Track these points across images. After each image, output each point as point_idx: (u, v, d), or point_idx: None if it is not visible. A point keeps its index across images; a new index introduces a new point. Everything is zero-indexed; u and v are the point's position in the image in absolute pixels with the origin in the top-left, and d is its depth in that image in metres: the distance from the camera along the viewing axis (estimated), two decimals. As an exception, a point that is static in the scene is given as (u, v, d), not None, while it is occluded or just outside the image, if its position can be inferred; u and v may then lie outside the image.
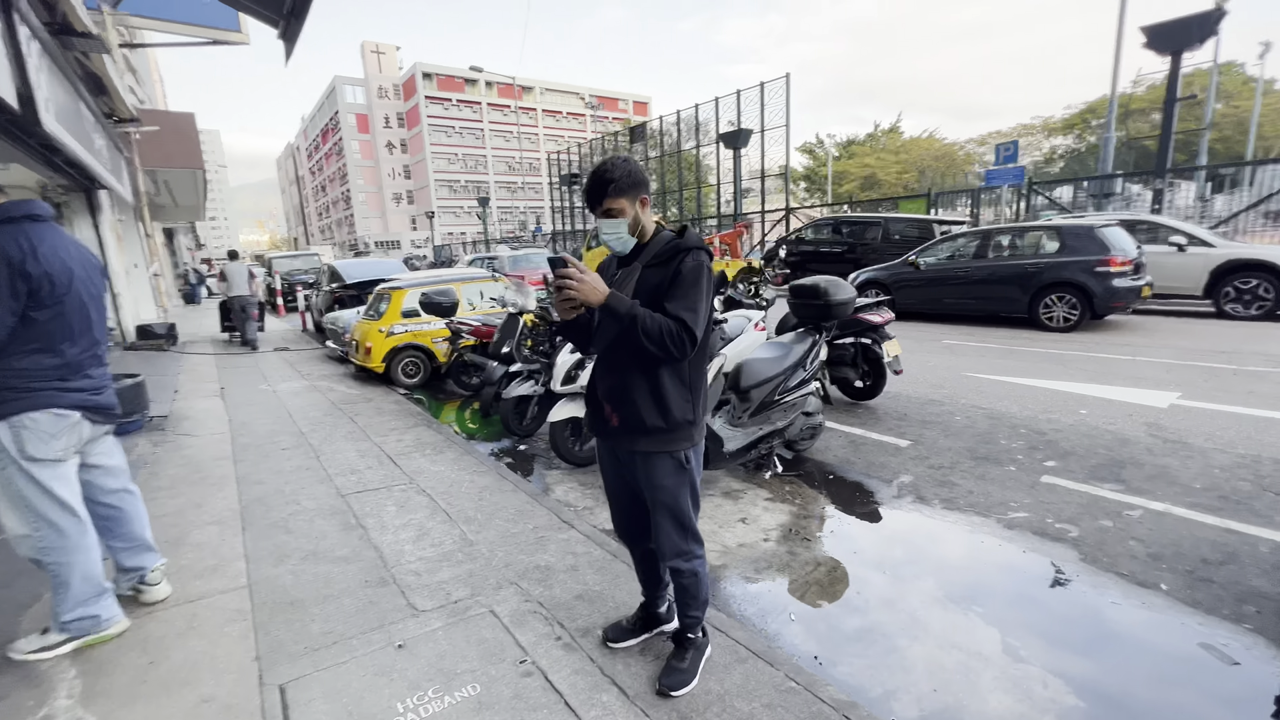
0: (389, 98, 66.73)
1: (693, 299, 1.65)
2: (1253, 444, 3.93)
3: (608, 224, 1.73)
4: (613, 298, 1.61)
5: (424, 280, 7.37)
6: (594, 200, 1.71)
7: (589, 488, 3.91)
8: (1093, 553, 2.84)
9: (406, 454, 4.41)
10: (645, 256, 1.76)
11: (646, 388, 1.75)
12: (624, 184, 1.69)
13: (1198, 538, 2.89)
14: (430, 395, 6.97)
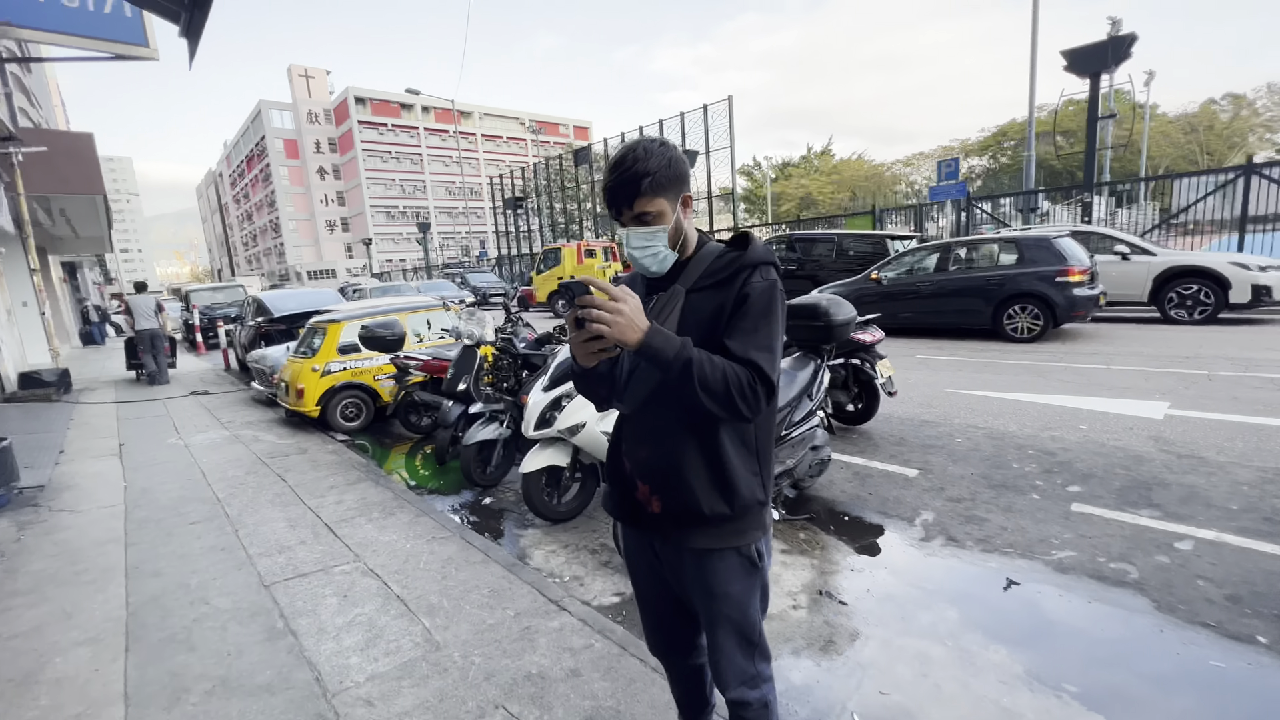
0: (319, 122, 64.36)
1: (766, 334, 1.17)
2: (1265, 455, 3.78)
3: (640, 234, 1.23)
4: (656, 335, 1.11)
5: (363, 311, 6.62)
6: (620, 201, 1.21)
7: (574, 550, 3.32)
8: (1164, 598, 2.50)
9: (349, 520, 3.69)
10: (690, 276, 1.27)
11: (701, 459, 1.24)
12: (664, 178, 1.20)
13: (1266, 571, 2.61)
14: (374, 440, 6.19)
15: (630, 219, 1.22)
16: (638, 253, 1.24)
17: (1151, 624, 2.35)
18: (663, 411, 1.26)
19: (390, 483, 4.44)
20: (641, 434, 1.31)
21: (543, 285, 19.02)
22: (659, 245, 1.24)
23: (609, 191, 1.22)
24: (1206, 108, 40.60)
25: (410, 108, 64.67)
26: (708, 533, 1.27)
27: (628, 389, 1.29)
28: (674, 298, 1.26)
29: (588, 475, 3.71)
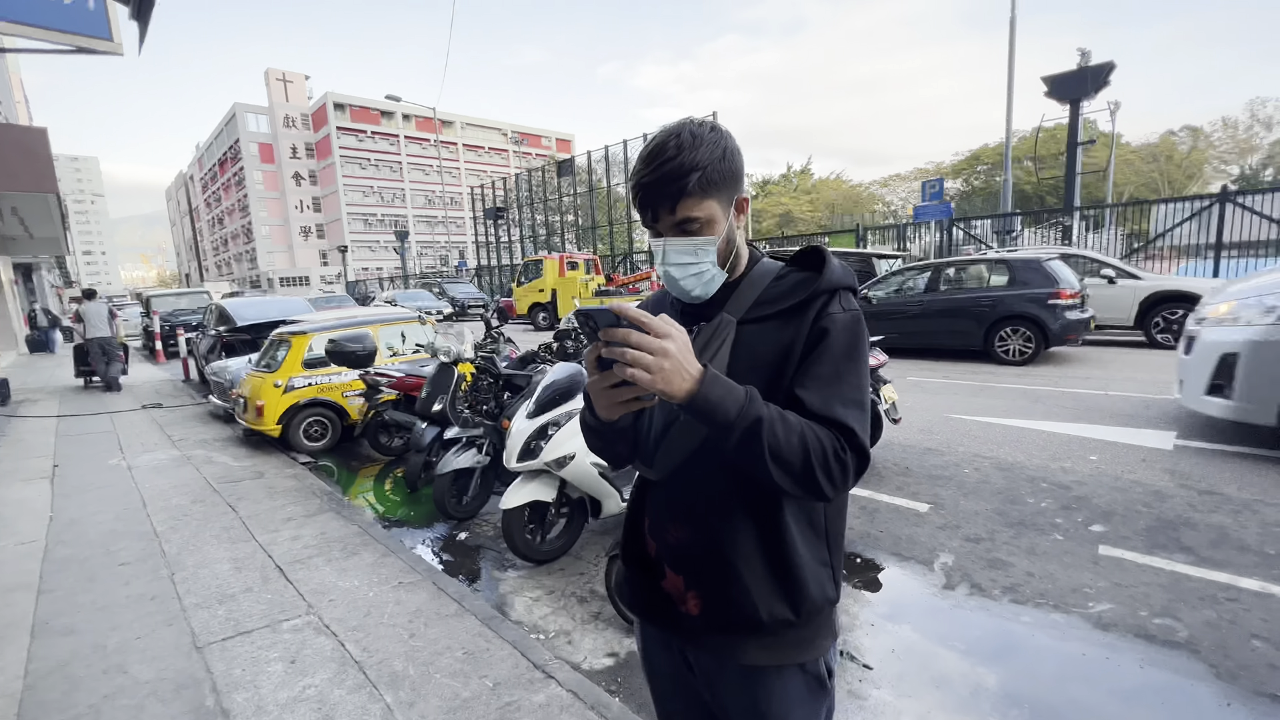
0: (296, 127, 63.28)
1: (854, 384, 0.87)
2: (1278, 490, 3.61)
3: (682, 248, 0.91)
4: (713, 385, 0.79)
5: (331, 323, 6.19)
6: (658, 202, 0.90)
7: (560, 597, 2.97)
8: (1221, 662, 2.24)
9: (305, 560, 3.28)
10: (741, 303, 0.96)
11: (758, 547, 0.93)
12: (716, 173, 0.89)
13: (1324, 630, 2.38)
14: (340, 462, 5.74)
15: (670, 227, 0.91)
16: (677, 271, 0.93)
17: (1214, 695, 2.09)
18: (707, 481, 0.95)
19: (355, 513, 4.03)
20: (676, 509, 0.99)
21: (523, 297, 18.63)
22: (706, 263, 0.93)
23: (644, 190, 0.90)
24: (1166, 139, 42.25)
25: (391, 115, 64.01)
26: (764, 644, 0.95)
27: (659, 449, 0.97)
28: (721, 330, 0.94)
29: (575, 510, 3.37)
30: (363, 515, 4.05)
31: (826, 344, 0.88)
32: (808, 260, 0.98)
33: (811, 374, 0.87)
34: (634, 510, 1.10)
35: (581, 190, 28.62)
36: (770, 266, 1.00)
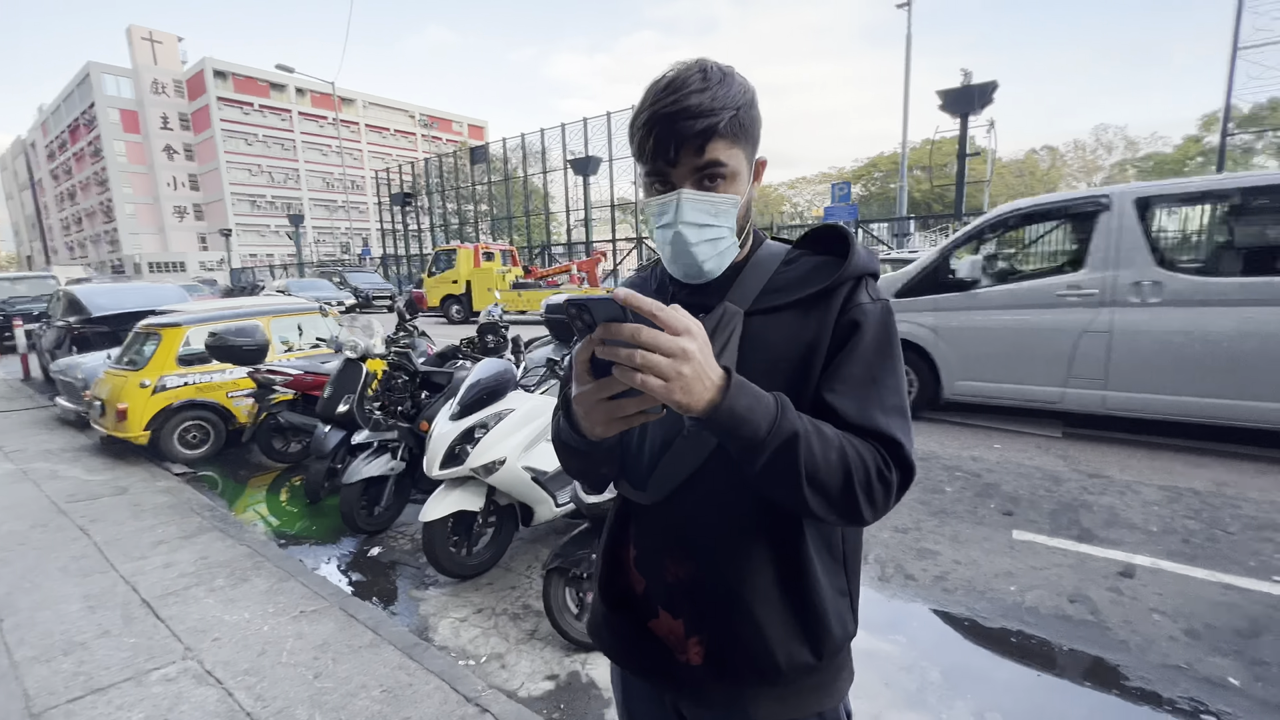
0: (168, 94, 56.50)
1: (893, 387, 0.74)
2: (1161, 473, 4.02)
3: (699, 202, 0.74)
4: (740, 395, 0.63)
5: (213, 313, 5.46)
6: (681, 138, 0.71)
7: (490, 615, 2.71)
8: (1132, 637, 2.40)
9: (181, 592, 2.80)
10: (747, 291, 0.80)
11: (776, 581, 0.78)
12: (746, 118, 0.74)
13: (1204, 600, 2.62)
14: (225, 472, 5.07)
15: (690, 173, 0.73)
16: (691, 234, 0.74)
17: (1135, 671, 2.23)
18: (715, 505, 0.79)
19: (244, 532, 3.53)
20: (674, 540, 0.82)
21: (435, 288, 17.69)
22: (725, 228, 0.76)
23: (662, 123, 0.71)
24: (1030, 156, 47.40)
25: (282, 88, 58.68)
26: (780, 695, 0.80)
27: (657, 468, 0.80)
28: (727, 323, 0.78)
29: (504, 518, 3.11)
30: (254, 533, 3.56)
31: (858, 340, 0.74)
32: (820, 242, 0.83)
33: (843, 376, 0.72)
34: (614, 540, 0.92)
35: (497, 179, 27.61)
36: (776, 249, 0.85)
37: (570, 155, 23.20)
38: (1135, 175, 44.08)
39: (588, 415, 0.67)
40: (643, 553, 0.86)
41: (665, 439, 0.78)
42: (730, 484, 0.77)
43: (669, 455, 0.78)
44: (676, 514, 0.81)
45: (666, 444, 0.78)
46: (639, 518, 0.87)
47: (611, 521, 0.92)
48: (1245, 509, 3.45)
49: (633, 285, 0.96)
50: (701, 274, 0.78)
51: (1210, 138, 35.22)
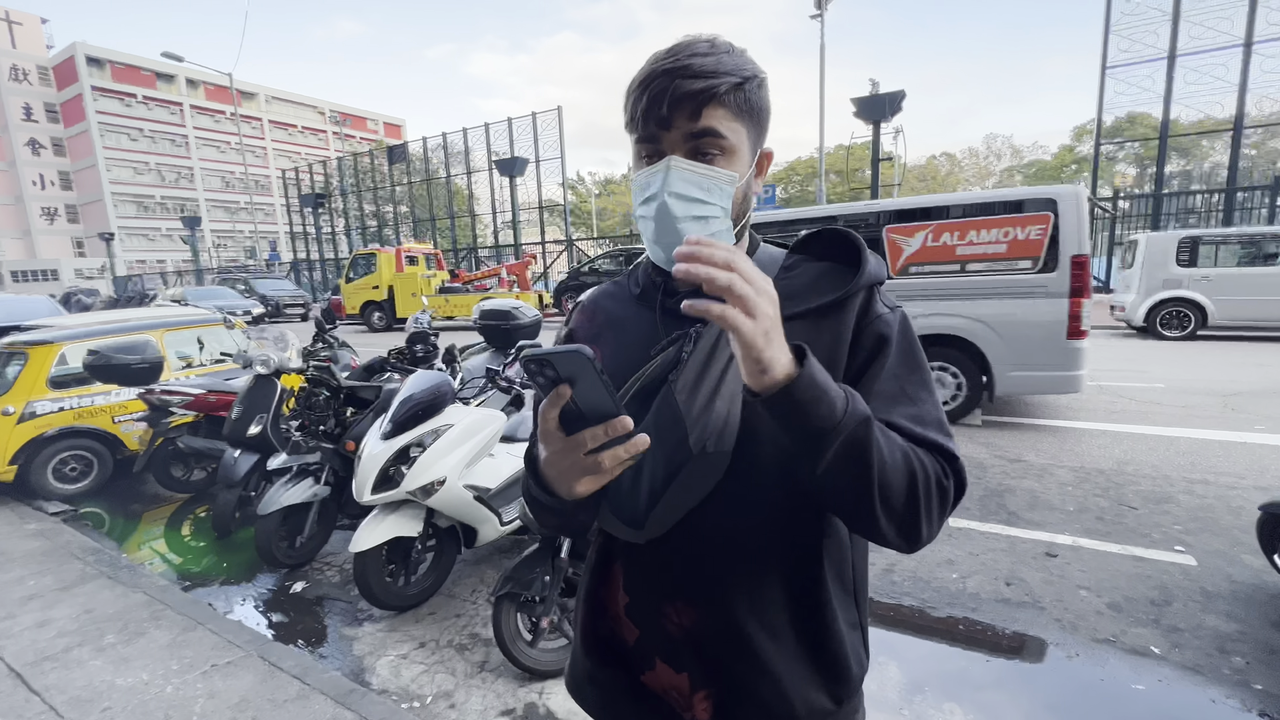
0: (30, 82, 50.32)
1: (932, 400, 0.68)
2: (1070, 455, 4.34)
3: (689, 172, 0.65)
4: (815, 364, 0.55)
5: (94, 328, 4.83)
6: (675, 100, 0.63)
7: (434, 649, 2.51)
8: (1064, 615, 2.54)
9: (60, 655, 2.40)
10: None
11: (791, 622, 0.71)
12: (753, 95, 0.67)
13: (1122, 574, 2.82)
14: (114, 507, 4.49)
15: (682, 140, 0.65)
16: (678, 207, 0.65)
17: (1064, 647, 2.35)
18: (727, 539, 0.70)
19: (139, 576, 3.11)
20: (675, 582, 0.73)
21: (354, 294, 16.69)
22: (718, 208, 0.66)
23: (660, 79, 0.64)
24: (930, 162, 50.96)
25: (171, 79, 53.69)
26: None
27: (660, 501, 0.68)
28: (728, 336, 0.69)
29: (444, 541, 2.90)
30: (150, 578, 3.14)
31: (887, 354, 0.67)
32: (822, 247, 0.76)
33: (878, 392, 0.66)
34: (597, 583, 0.81)
35: (417, 179, 26.48)
36: (774, 253, 0.78)
37: (495, 156, 22.63)
38: (1021, 180, 48.29)
39: (563, 476, 0.59)
40: (636, 599, 0.76)
41: (670, 469, 0.67)
42: (741, 513, 0.69)
43: (675, 486, 0.67)
44: (676, 553, 0.72)
45: (671, 474, 0.67)
46: (628, 558, 0.77)
47: (593, 562, 0.81)
48: (1144, 485, 3.78)
49: (607, 295, 0.86)
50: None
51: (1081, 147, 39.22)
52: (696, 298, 0.71)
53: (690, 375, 0.67)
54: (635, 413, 0.70)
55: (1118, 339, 9.40)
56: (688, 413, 0.66)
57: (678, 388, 0.67)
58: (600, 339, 0.80)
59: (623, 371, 0.72)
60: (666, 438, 0.66)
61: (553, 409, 0.56)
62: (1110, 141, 21.02)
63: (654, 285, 0.78)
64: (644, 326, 0.76)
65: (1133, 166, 33.54)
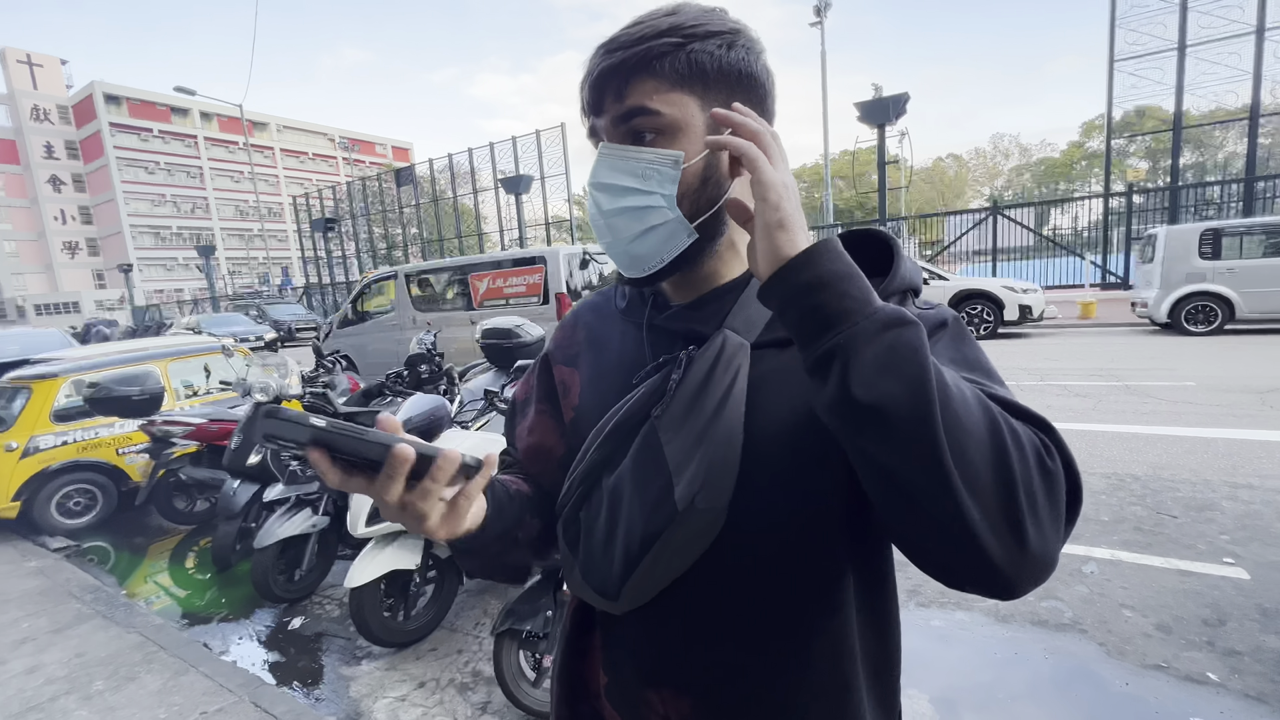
0: (51, 121, 51.91)
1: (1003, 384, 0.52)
2: (1102, 460, 4.13)
3: (614, 158, 0.55)
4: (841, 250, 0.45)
5: (96, 360, 4.81)
6: (605, 81, 0.54)
7: (434, 690, 2.38)
8: (1107, 638, 2.35)
9: (47, 704, 2.31)
10: (750, 315, 0.58)
11: (814, 700, 0.57)
12: (707, 58, 0.54)
13: (1169, 590, 2.62)
14: (118, 540, 4.43)
15: (611, 124, 0.56)
16: (605, 199, 0.56)
17: (1115, 675, 2.16)
18: (720, 611, 0.57)
19: (135, 615, 3.02)
20: (661, 664, 0.60)
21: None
22: (656, 194, 0.54)
23: (591, 59, 0.56)
24: (937, 164, 50.70)
25: (185, 113, 55.12)
26: None
27: (634, 572, 0.55)
28: (730, 359, 0.56)
29: (445, 572, 2.78)
30: (146, 616, 3.05)
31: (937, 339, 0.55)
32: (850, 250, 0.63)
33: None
34: (572, 654, 0.68)
35: (425, 201, 26.75)
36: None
37: (501, 174, 22.80)
38: (1030, 178, 47.79)
39: (402, 520, 0.49)
40: (616, 682, 0.64)
41: (650, 527, 0.54)
42: (740, 583, 0.56)
43: (657, 549, 0.54)
44: (662, 628, 0.59)
45: (652, 534, 0.54)
46: (608, 629, 0.64)
47: (567, 630, 0.69)
48: (1183, 491, 3.57)
49: (590, 308, 0.74)
50: (634, 262, 0.57)
51: (1091, 143, 38.79)
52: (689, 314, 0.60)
53: (678, 409, 0.55)
54: (610, 455, 0.59)
55: (1141, 336, 9.12)
56: (673, 456, 0.54)
57: (662, 424, 0.55)
58: (582, 360, 0.69)
59: (604, 403, 0.61)
60: (647, 487, 0.54)
61: (330, 475, 0.45)
62: (1121, 136, 20.71)
63: (640, 298, 0.66)
64: (628, 347, 0.65)
65: (1145, 160, 33.10)
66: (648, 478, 0.55)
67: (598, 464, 0.59)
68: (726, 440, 0.54)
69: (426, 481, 0.46)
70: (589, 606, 0.66)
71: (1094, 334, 9.77)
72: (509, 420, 0.79)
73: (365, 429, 0.44)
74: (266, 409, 0.43)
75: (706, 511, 0.53)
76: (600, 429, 0.60)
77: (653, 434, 0.56)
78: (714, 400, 0.54)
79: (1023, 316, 9.62)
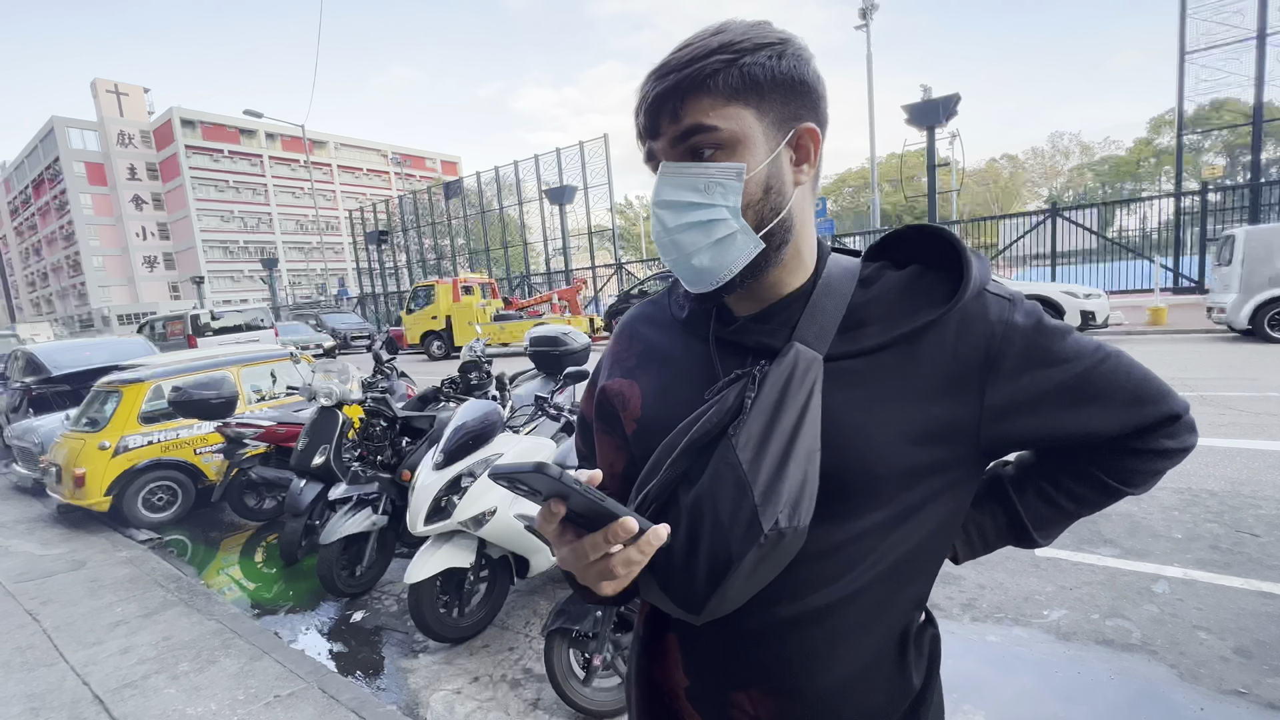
0: (135, 145, 56.03)
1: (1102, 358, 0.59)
2: (1173, 475, 3.91)
3: (677, 176, 0.57)
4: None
5: (178, 366, 5.18)
6: (661, 102, 0.57)
7: (487, 684, 2.46)
8: (1180, 660, 2.24)
9: (139, 682, 2.51)
10: (821, 324, 0.59)
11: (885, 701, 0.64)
12: (760, 70, 0.56)
13: (1249, 612, 2.47)
14: (195, 534, 4.75)
15: (670, 144, 0.57)
16: (669, 217, 0.58)
17: (1188, 700, 2.06)
18: (810, 616, 0.60)
19: (213, 604, 3.24)
20: (748, 666, 0.63)
21: (414, 325, 17.40)
22: (720, 207, 0.56)
23: (644, 85, 0.58)
24: (991, 165, 48.82)
25: (252, 134, 58.59)
26: None
27: (722, 585, 0.55)
28: (803, 376, 0.57)
29: (497, 572, 2.88)
30: (223, 605, 3.26)
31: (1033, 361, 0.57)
32: (906, 250, 0.63)
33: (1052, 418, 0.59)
34: (649, 660, 0.71)
35: (472, 213, 27.57)
36: (846, 265, 0.64)
37: (545, 186, 23.31)
38: (1093, 178, 45.50)
39: (581, 577, 0.53)
40: (699, 683, 0.66)
41: (734, 547, 0.55)
42: (822, 588, 0.59)
43: (739, 574, 0.55)
44: (744, 630, 0.62)
45: (734, 558, 0.55)
46: (686, 634, 0.67)
47: (642, 635, 0.72)
48: (1266, 509, 3.34)
49: (645, 319, 0.76)
50: (700, 276, 0.59)
51: (1160, 139, 36.66)
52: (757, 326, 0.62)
53: (755, 428, 0.55)
54: (688, 470, 0.60)
55: (1219, 343, 8.56)
56: (754, 479, 0.54)
57: (739, 443, 0.56)
58: (642, 372, 0.70)
59: (671, 416, 0.62)
60: (728, 507, 0.55)
61: (548, 524, 0.50)
62: (1195, 131, 19.51)
63: (703, 310, 0.66)
64: (695, 360, 0.66)
65: (1221, 156, 31.04)
66: (729, 497, 0.55)
67: (672, 480, 0.60)
68: (806, 458, 0.55)
69: (632, 550, 0.50)
70: (663, 613, 0.68)
71: (1165, 341, 9.22)
72: (584, 436, 0.81)
73: (603, 495, 0.48)
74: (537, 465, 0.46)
75: (790, 531, 0.54)
76: (672, 444, 0.60)
77: (730, 452, 0.56)
78: (791, 418, 0.56)
79: (1085, 323, 9.18)
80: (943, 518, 0.61)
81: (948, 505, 0.61)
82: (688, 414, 0.60)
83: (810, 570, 0.58)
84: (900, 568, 0.59)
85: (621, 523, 0.47)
